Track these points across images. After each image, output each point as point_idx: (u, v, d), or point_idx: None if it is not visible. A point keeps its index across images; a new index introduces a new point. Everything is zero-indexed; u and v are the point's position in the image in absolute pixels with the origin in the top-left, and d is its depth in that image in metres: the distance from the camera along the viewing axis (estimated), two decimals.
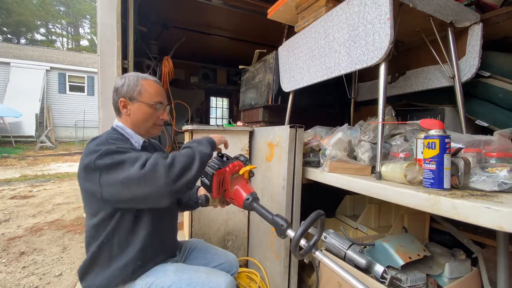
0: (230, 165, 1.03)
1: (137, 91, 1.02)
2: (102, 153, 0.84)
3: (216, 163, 1.04)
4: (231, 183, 1.04)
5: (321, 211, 0.84)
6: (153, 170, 0.80)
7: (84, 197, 0.95)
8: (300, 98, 1.97)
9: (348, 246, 1.22)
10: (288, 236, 0.87)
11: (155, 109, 1.05)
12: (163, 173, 0.80)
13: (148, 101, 1.03)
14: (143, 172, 0.79)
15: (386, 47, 0.99)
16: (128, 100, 1.02)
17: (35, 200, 4.09)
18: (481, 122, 1.45)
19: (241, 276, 1.65)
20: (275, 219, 0.91)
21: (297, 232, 0.80)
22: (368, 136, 1.28)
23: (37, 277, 2.06)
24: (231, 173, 1.03)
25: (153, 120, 1.06)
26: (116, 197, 0.84)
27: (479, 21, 1.33)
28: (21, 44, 20.52)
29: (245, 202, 0.99)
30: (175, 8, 2.79)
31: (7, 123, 10.13)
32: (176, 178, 0.82)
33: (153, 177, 0.79)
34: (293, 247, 0.80)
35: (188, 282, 0.95)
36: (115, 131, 1.03)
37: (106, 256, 0.95)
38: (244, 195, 1.00)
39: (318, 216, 0.83)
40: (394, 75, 1.80)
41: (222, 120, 5.90)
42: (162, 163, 0.81)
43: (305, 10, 1.57)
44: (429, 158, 0.83)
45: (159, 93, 1.07)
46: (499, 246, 0.96)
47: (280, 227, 0.89)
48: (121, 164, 0.82)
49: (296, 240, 0.79)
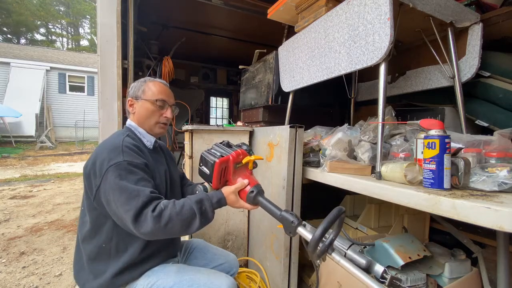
0: (233, 153, 0.93)
1: (142, 90, 1.08)
2: (112, 165, 0.86)
3: (218, 150, 0.95)
4: (234, 173, 0.95)
5: (343, 208, 0.75)
6: (143, 222, 0.80)
7: (85, 191, 0.97)
8: (300, 98, 1.97)
9: (348, 246, 1.21)
10: (298, 234, 0.80)
11: (158, 106, 1.07)
12: (149, 228, 0.80)
13: (150, 98, 1.06)
14: (132, 217, 0.80)
15: (386, 47, 0.99)
16: (134, 99, 1.09)
17: (35, 200, 4.09)
18: (481, 122, 1.45)
19: (241, 276, 1.65)
20: (284, 215, 0.82)
21: (317, 231, 0.71)
22: (368, 136, 1.28)
23: (37, 277, 2.06)
24: (234, 162, 0.93)
25: (155, 117, 1.08)
26: (102, 209, 0.91)
27: (479, 21, 1.33)
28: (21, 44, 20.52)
29: (249, 195, 0.91)
30: (175, 8, 2.78)
31: (7, 123, 10.14)
32: (160, 235, 0.84)
33: (139, 226, 0.81)
34: (312, 247, 0.71)
35: (189, 283, 0.95)
36: (129, 130, 1.06)
37: (106, 256, 0.95)
38: (247, 187, 0.92)
39: (340, 214, 0.73)
40: (394, 75, 1.80)
41: (222, 120, 5.90)
42: (153, 220, 0.80)
43: (305, 10, 1.57)
44: (429, 158, 0.83)
45: (162, 91, 1.09)
46: (499, 246, 0.96)
47: (290, 223, 0.80)
48: (121, 191, 0.83)
49: (316, 240, 0.70)
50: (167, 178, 1.09)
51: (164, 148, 1.26)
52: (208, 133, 1.75)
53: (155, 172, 1.01)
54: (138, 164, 0.91)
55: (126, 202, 0.81)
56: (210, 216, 0.89)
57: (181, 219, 0.83)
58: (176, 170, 1.27)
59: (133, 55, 2.14)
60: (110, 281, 0.93)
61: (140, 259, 0.97)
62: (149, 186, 0.88)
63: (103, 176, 0.86)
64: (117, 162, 0.87)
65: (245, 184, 0.93)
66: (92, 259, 0.96)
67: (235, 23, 3.14)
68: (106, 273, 0.94)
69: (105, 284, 0.93)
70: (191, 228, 0.86)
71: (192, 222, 0.85)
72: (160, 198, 0.88)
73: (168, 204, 0.84)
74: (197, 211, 0.86)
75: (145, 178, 0.90)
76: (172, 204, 0.85)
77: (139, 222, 0.80)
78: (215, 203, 0.91)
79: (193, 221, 0.85)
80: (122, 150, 0.90)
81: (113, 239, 0.94)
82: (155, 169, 1.02)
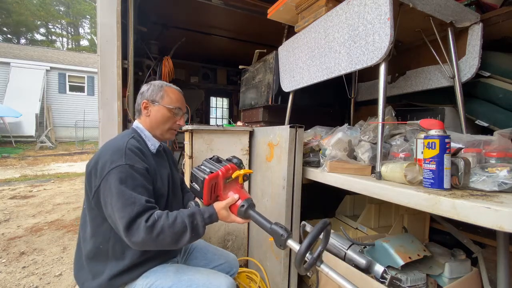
0: (223, 168, 0.94)
1: (160, 95, 1.09)
2: (113, 168, 0.87)
3: (207, 166, 0.96)
4: (224, 188, 0.96)
5: (327, 220, 0.76)
6: (136, 231, 0.81)
7: (85, 190, 0.98)
8: (300, 98, 1.97)
9: (348, 246, 1.21)
10: (288, 247, 0.81)
11: (174, 113, 1.10)
12: (140, 238, 0.81)
13: (168, 105, 1.08)
14: (125, 224, 0.81)
15: (386, 47, 0.99)
16: (150, 102, 1.09)
17: (35, 200, 4.09)
18: (481, 122, 1.45)
19: (241, 276, 1.65)
20: (274, 228, 0.83)
21: (302, 245, 0.71)
22: (368, 136, 1.28)
23: (37, 277, 2.05)
24: (224, 177, 0.94)
25: (169, 124, 1.10)
26: (100, 210, 0.92)
27: (479, 21, 1.33)
28: (21, 44, 20.52)
29: (240, 209, 0.93)
30: (175, 8, 2.78)
31: (7, 123, 10.14)
32: (150, 246, 0.84)
33: (130, 235, 0.81)
34: (298, 262, 0.72)
35: (188, 283, 0.95)
36: (135, 132, 1.06)
37: (104, 257, 0.95)
38: (238, 201, 0.93)
39: (325, 226, 0.74)
40: (394, 75, 1.80)
41: (222, 120, 5.90)
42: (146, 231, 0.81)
43: (305, 10, 1.57)
44: (429, 158, 0.83)
45: (179, 100, 1.12)
46: (499, 246, 0.96)
47: (280, 237, 0.81)
48: (118, 196, 0.84)
49: (302, 254, 0.71)
50: (170, 181, 1.10)
51: (168, 151, 1.27)
52: (208, 133, 1.75)
53: (157, 176, 1.01)
54: (139, 169, 0.91)
55: (121, 209, 0.82)
56: (200, 232, 0.90)
57: (172, 232, 0.84)
58: (178, 174, 1.27)
59: (133, 55, 2.14)
60: (108, 282, 0.93)
61: (139, 261, 0.97)
62: (145, 194, 0.88)
63: (104, 177, 0.87)
64: (119, 165, 0.87)
65: (235, 199, 0.95)
66: (90, 258, 0.96)
67: (235, 23, 3.14)
68: (104, 274, 0.94)
69: (104, 284, 0.93)
70: (180, 242, 0.87)
71: (183, 235, 0.86)
72: (154, 208, 0.89)
73: (162, 215, 0.85)
74: (189, 225, 0.87)
75: (143, 185, 0.90)
76: (165, 215, 0.86)
77: (131, 231, 0.81)
78: (206, 218, 0.92)
79: (183, 234, 0.86)
80: (125, 153, 0.91)
81: (110, 241, 0.94)
82: (156, 173, 1.02)
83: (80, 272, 0.99)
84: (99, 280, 0.94)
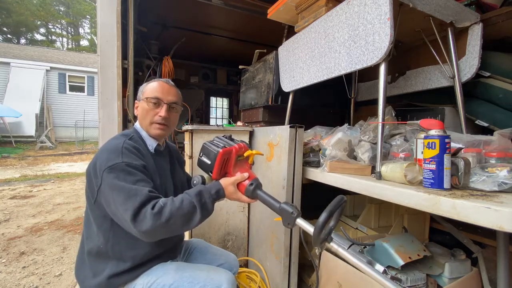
0: (236, 145, 0.95)
1: (142, 91, 1.08)
2: (109, 167, 0.86)
3: (221, 141, 0.96)
4: (234, 166, 0.96)
5: (344, 196, 0.77)
6: (143, 220, 0.79)
7: (87, 191, 0.98)
8: (300, 98, 1.97)
9: (348, 246, 1.22)
10: (297, 225, 0.81)
11: (152, 104, 1.03)
12: (149, 226, 0.78)
13: (145, 97, 1.05)
14: (131, 215, 0.79)
15: (386, 47, 0.99)
16: (137, 101, 1.09)
17: (35, 200, 4.09)
18: (481, 122, 1.45)
19: (241, 276, 1.65)
20: (283, 207, 0.84)
21: (321, 217, 0.72)
22: (368, 136, 1.28)
23: (37, 277, 2.06)
24: (236, 153, 0.94)
25: (149, 117, 1.04)
26: (101, 210, 0.92)
27: (479, 21, 1.33)
28: (21, 44, 20.52)
29: (248, 188, 0.92)
30: (175, 8, 2.78)
31: (7, 123, 10.14)
32: (162, 232, 0.82)
33: (139, 225, 0.79)
34: (316, 234, 0.72)
35: (189, 280, 0.96)
36: (135, 132, 1.06)
37: (105, 256, 0.95)
38: (247, 180, 0.93)
39: (342, 202, 0.75)
40: (394, 75, 1.80)
41: (222, 120, 5.90)
42: (153, 217, 0.79)
43: (305, 10, 1.57)
44: (429, 158, 0.83)
45: (157, 89, 1.05)
46: (499, 246, 0.96)
47: (289, 214, 0.81)
48: (119, 192, 0.83)
49: (320, 225, 0.71)
50: (169, 181, 1.10)
51: (174, 151, 1.26)
52: (208, 133, 1.75)
53: (155, 175, 1.01)
54: (137, 165, 0.91)
55: (124, 202, 0.81)
56: (210, 208, 0.89)
57: (182, 214, 0.82)
58: (183, 174, 1.26)
59: (133, 55, 2.14)
60: (107, 281, 0.93)
61: (140, 263, 0.97)
62: (147, 186, 0.87)
63: (102, 177, 0.86)
64: (115, 163, 0.87)
65: (245, 177, 0.94)
66: (93, 256, 0.97)
67: (235, 23, 3.14)
68: (104, 272, 0.94)
69: (103, 283, 0.94)
70: (192, 222, 0.85)
71: (193, 215, 0.84)
72: (158, 197, 0.87)
73: (167, 201, 0.84)
74: (197, 204, 0.85)
75: (144, 179, 0.89)
76: (171, 200, 0.84)
77: (138, 221, 0.79)
78: (214, 194, 0.90)
79: (194, 214, 0.84)
80: (121, 152, 0.90)
81: (109, 242, 0.94)
82: (155, 172, 1.01)
83: (81, 269, 0.99)
84: (99, 279, 0.94)
